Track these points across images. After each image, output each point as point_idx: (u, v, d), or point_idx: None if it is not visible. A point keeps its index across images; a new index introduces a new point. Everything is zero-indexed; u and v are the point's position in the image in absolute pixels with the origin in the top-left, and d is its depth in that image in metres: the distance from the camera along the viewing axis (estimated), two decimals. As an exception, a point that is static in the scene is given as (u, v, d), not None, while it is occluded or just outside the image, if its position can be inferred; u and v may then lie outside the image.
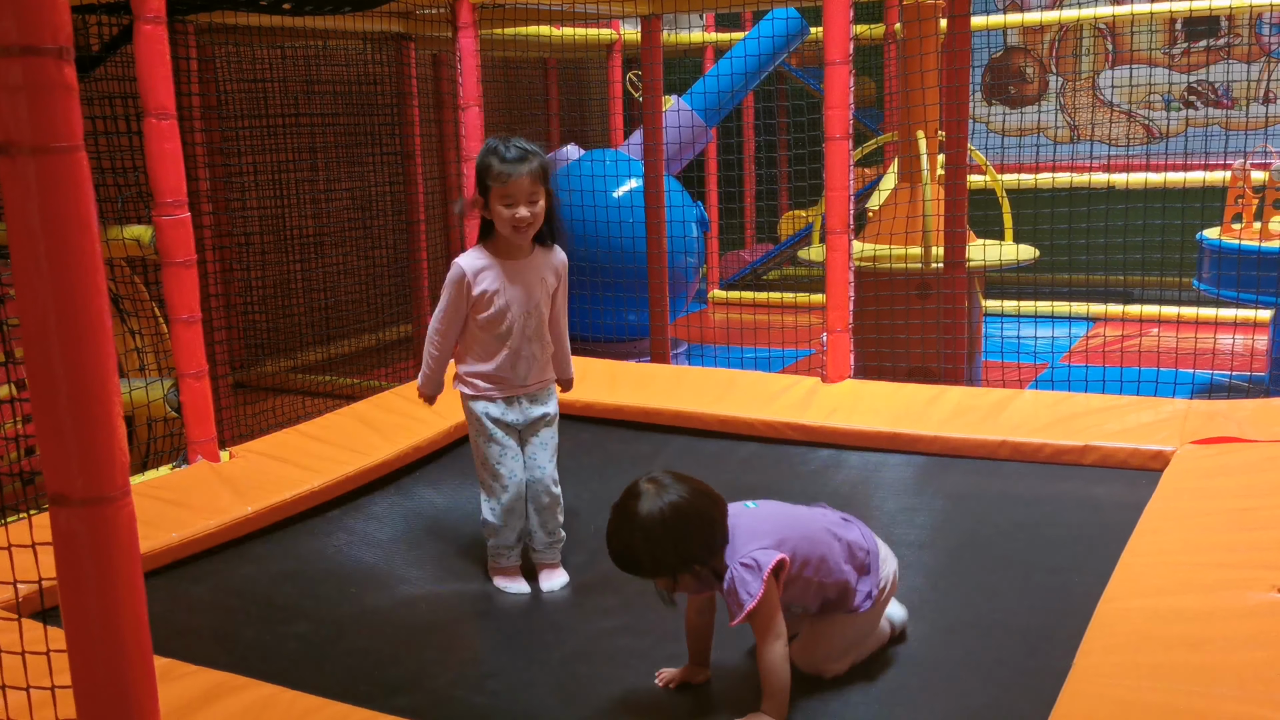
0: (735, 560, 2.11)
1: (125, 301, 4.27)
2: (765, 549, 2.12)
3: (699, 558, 2.11)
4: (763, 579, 2.07)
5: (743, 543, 2.13)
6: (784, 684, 2.09)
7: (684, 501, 2.10)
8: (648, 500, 2.10)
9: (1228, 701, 1.89)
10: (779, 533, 2.18)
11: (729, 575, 2.10)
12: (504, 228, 2.86)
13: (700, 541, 2.11)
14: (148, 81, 3.29)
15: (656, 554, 2.10)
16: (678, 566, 2.11)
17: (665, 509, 2.08)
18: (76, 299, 1.33)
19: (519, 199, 2.82)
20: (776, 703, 2.08)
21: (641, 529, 2.08)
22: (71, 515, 1.36)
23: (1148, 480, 3.15)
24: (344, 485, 3.47)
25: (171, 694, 1.98)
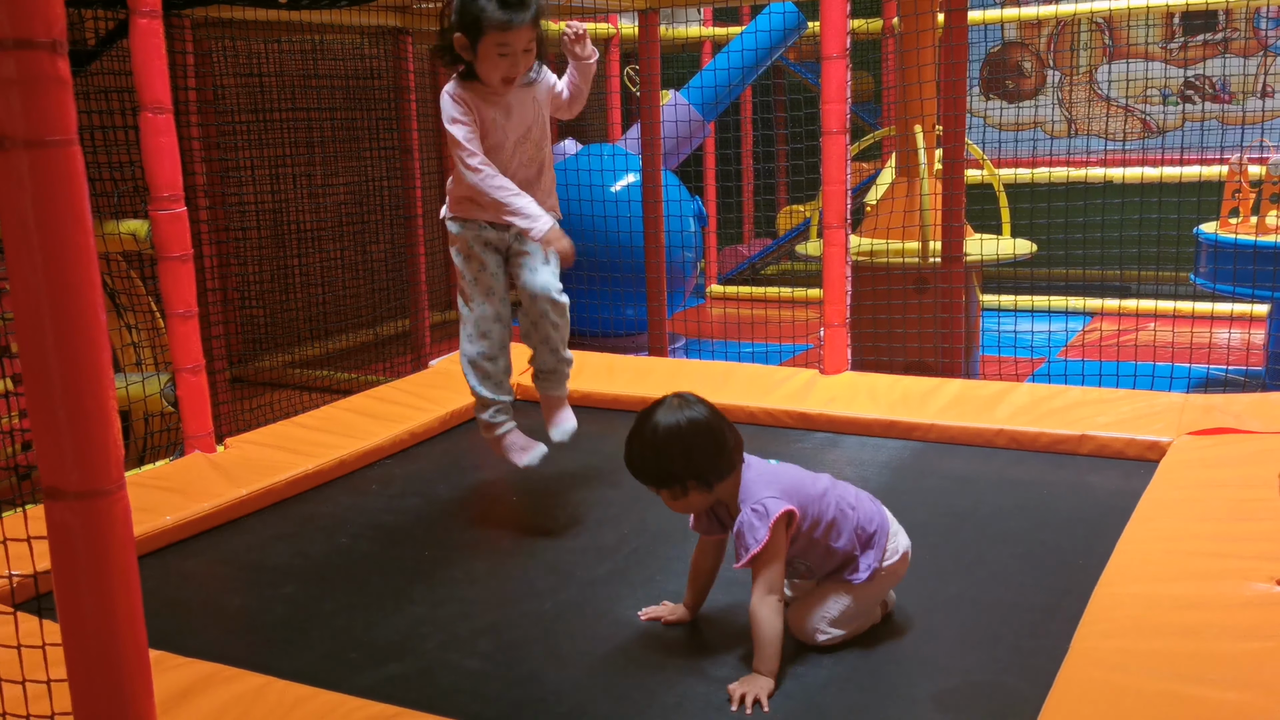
0: (747, 504, 2.18)
1: (122, 296, 4.27)
2: (775, 497, 2.18)
3: (705, 473, 2.18)
4: (769, 525, 2.13)
5: (757, 489, 2.20)
6: (773, 638, 2.12)
7: (702, 419, 2.19)
8: (668, 411, 2.20)
9: (1222, 689, 1.89)
10: (794, 487, 2.24)
11: (740, 519, 2.18)
12: (491, 76, 2.67)
13: (709, 457, 2.18)
14: (144, 75, 3.28)
15: (665, 461, 2.17)
16: (684, 477, 2.17)
17: (682, 421, 2.18)
18: (71, 293, 1.33)
19: (517, 50, 2.64)
20: (767, 657, 2.11)
21: (656, 434, 2.17)
22: (66, 509, 1.36)
23: (1144, 470, 3.17)
24: (339, 469, 3.50)
25: (161, 685, 1.99)
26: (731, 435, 2.23)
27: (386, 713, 2.02)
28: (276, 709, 2.04)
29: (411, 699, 2.11)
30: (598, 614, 2.53)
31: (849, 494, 2.35)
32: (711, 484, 2.20)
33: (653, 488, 2.23)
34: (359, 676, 2.27)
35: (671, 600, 2.47)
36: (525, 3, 2.60)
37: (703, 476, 2.18)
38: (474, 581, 2.78)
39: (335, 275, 6.89)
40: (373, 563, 2.89)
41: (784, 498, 2.19)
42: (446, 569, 2.83)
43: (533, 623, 2.50)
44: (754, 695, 2.08)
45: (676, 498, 2.22)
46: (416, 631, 2.48)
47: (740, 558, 2.17)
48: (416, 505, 3.29)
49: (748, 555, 2.14)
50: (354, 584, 2.76)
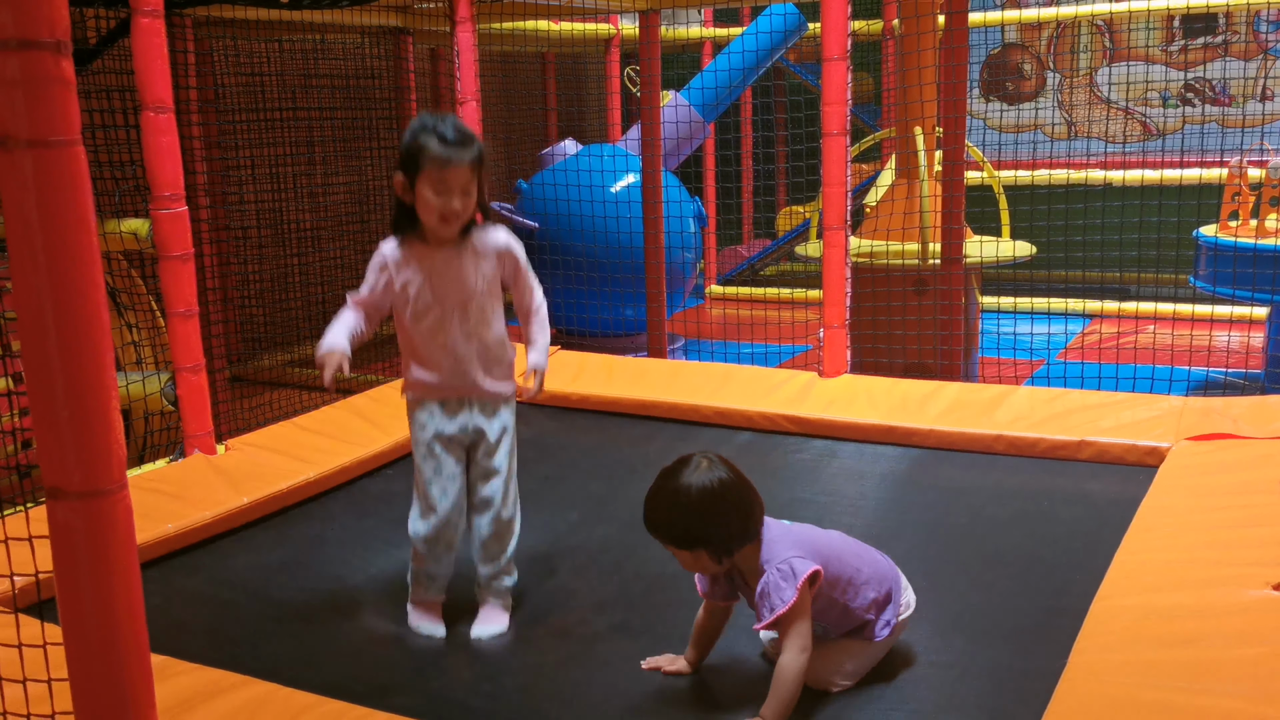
0: (772, 565, 2.14)
1: (122, 295, 4.27)
2: (801, 557, 2.16)
3: (728, 540, 2.15)
4: (797, 586, 2.11)
5: (780, 550, 2.17)
6: (792, 693, 2.10)
7: (732, 484, 2.15)
8: (695, 472, 2.15)
9: (1222, 698, 1.89)
10: (816, 548, 2.22)
11: (764, 579, 2.14)
12: (430, 218, 2.52)
13: (736, 524, 2.15)
14: (145, 75, 3.28)
15: (692, 524, 2.13)
16: (705, 542, 2.14)
17: (714, 484, 2.13)
18: (73, 292, 1.33)
19: (454, 188, 2.48)
20: (777, 706, 2.09)
21: (689, 495, 2.12)
22: (68, 509, 1.36)
23: (1143, 476, 3.16)
24: (339, 476, 3.49)
25: (166, 692, 1.98)
26: (755, 501, 2.20)
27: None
28: (281, 716, 2.03)
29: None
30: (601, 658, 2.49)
31: (863, 550, 2.34)
32: (732, 552, 2.16)
33: (670, 547, 2.19)
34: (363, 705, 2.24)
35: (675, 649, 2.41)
36: (466, 141, 2.50)
37: (725, 543, 2.14)
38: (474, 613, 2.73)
39: (335, 274, 6.89)
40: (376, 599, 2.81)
41: (809, 557, 2.17)
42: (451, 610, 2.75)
43: (537, 664, 2.49)
44: None
45: (692, 559, 2.17)
46: (422, 673, 2.46)
47: (762, 618, 2.13)
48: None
49: (772, 615, 2.11)
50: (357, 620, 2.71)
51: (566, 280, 6.01)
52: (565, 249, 6.02)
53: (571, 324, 6.18)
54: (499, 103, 8.05)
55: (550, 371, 4.16)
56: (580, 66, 9.26)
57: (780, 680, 2.10)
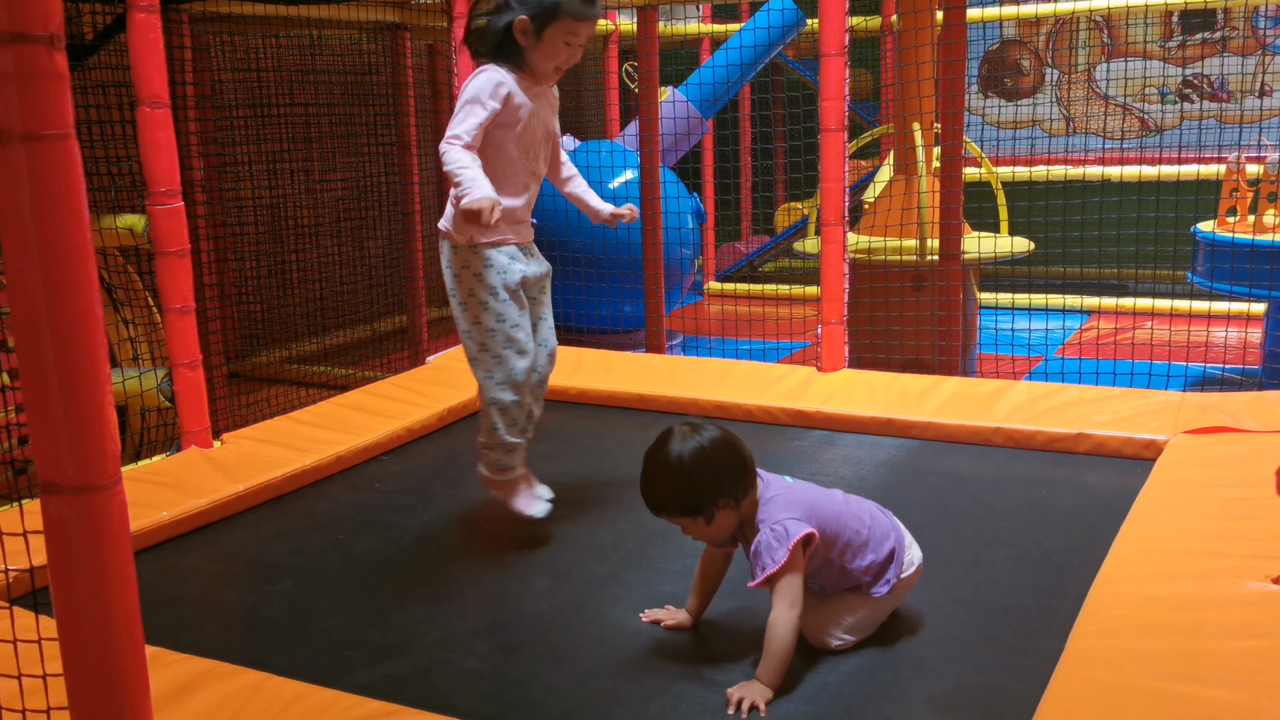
0: (767, 525, 2.16)
1: (118, 291, 4.26)
2: (796, 519, 2.17)
3: (735, 491, 2.17)
4: (789, 547, 2.12)
5: (777, 510, 2.18)
6: (785, 651, 2.11)
7: (720, 438, 2.18)
8: (685, 438, 2.17)
9: (1219, 689, 1.89)
10: (814, 508, 2.22)
11: (758, 538, 2.16)
12: (548, 63, 2.65)
13: (737, 475, 2.17)
14: (141, 70, 3.28)
15: (696, 486, 2.15)
16: (716, 499, 2.15)
17: (705, 443, 2.16)
18: (67, 287, 1.33)
19: (581, 39, 2.65)
20: (772, 667, 2.11)
21: (683, 461, 2.14)
22: (62, 503, 1.36)
23: (1141, 469, 3.17)
24: (336, 464, 3.50)
25: (159, 681, 1.98)
26: (744, 454, 2.21)
27: (382, 710, 2.02)
28: (273, 706, 2.04)
29: (408, 697, 2.11)
30: (595, 615, 2.52)
31: (864, 510, 2.34)
32: (739, 502, 2.18)
33: (678, 518, 2.19)
34: (355, 674, 2.26)
35: (673, 604, 2.46)
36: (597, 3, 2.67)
37: (734, 495, 2.17)
38: (471, 581, 2.78)
39: (333, 271, 6.89)
40: (370, 561, 2.89)
41: (804, 519, 2.18)
42: (444, 568, 2.82)
43: (530, 624, 2.50)
44: (751, 700, 2.07)
45: (707, 523, 2.18)
46: (414, 631, 2.47)
47: (755, 577, 2.15)
48: (414, 503, 3.29)
49: (764, 575, 2.12)
50: (351, 582, 2.76)
51: (564, 276, 6.01)
52: (563, 245, 6.01)
53: (570, 320, 6.18)
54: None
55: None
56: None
57: (772, 639, 2.12)
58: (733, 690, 2.10)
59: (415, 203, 6.29)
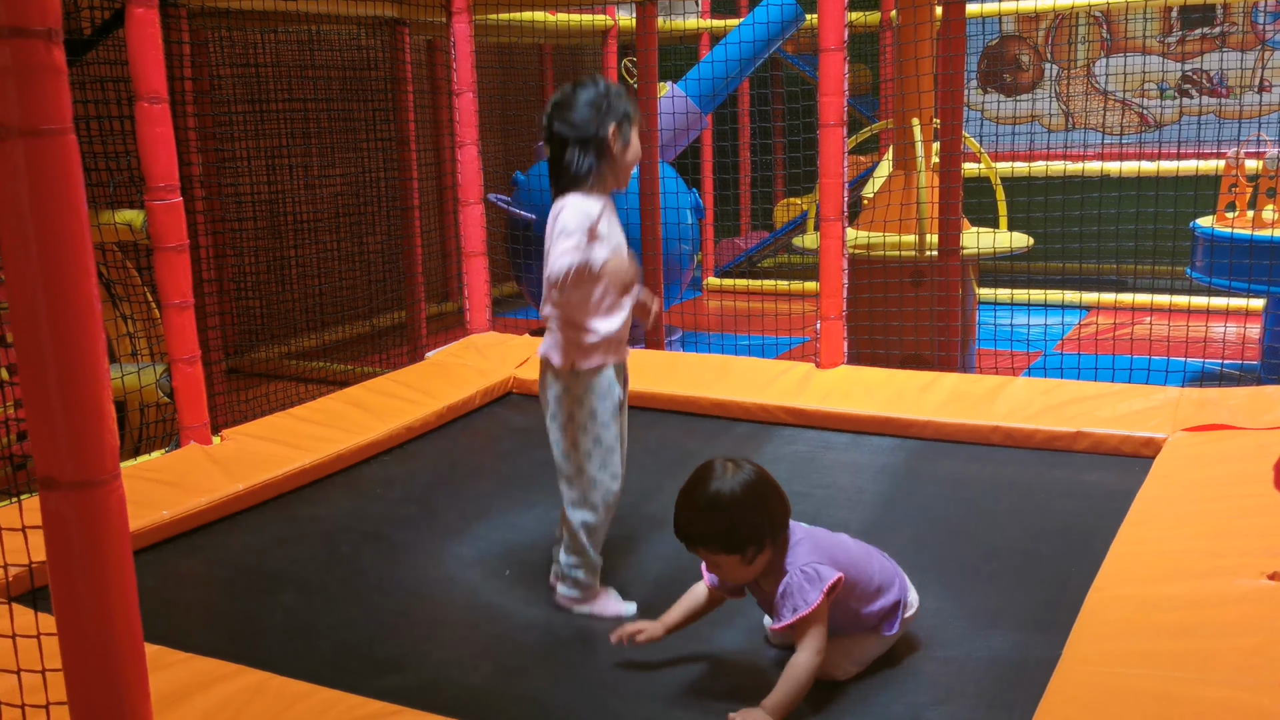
0: (796, 567, 2.15)
1: (117, 287, 4.26)
2: (824, 564, 2.16)
3: (766, 536, 2.15)
4: (822, 591, 2.12)
5: (803, 554, 2.18)
6: (799, 691, 2.10)
7: (760, 480, 2.16)
8: (726, 475, 2.15)
9: (1218, 688, 1.90)
10: (835, 556, 2.22)
11: (787, 580, 2.14)
12: (630, 164, 2.66)
13: (771, 520, 2.15)
14: (140, 65, 3.27)
15: (735, 522, 2.12)
16: (745, 543, 2.13)
17: (748, 479, 2.15)
18: (66, 282, 1.33)
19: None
20: (781, 702, 2.09)
21: (721, 498, 2.12)
22: (61, 499, 1.36)
23: (1139, 467, 3.17)
24: (336, 463, 3.49)
25: (160, 682, 1.98)
26: (781, 500, 2.20)
27: (385, 710, 2.02)
28: (274, 705, 2.04)
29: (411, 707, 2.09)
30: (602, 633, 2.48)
31: (872, 557, 2.34)
32: (777, 543, 2.17)
33: (716, 554, 2.14)
34: (358, 687, 2.23)
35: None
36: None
37: (775, 536, 2.16)
38: (474, 597, 2.75)
39: (332, 266, 6.88)
40: (372, 574, 2.85)
41: (832, 565, 2.17)
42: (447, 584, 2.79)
43: (534, 643, 2.49)
44: None
45: (746, 563, 2.14)
46: (417, 648, 2.46)
47: (782, 619, 2.13)
48: (416, 516, 3.25)
49: (794, 617, 2.11)
50: (354, 595, 2.73)
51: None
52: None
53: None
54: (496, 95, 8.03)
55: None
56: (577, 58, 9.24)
57: (791, 676, 2.10)
58: (735, 715, 2.09)
59: (414, 198, 6.29)
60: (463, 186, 4.89)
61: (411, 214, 6.28)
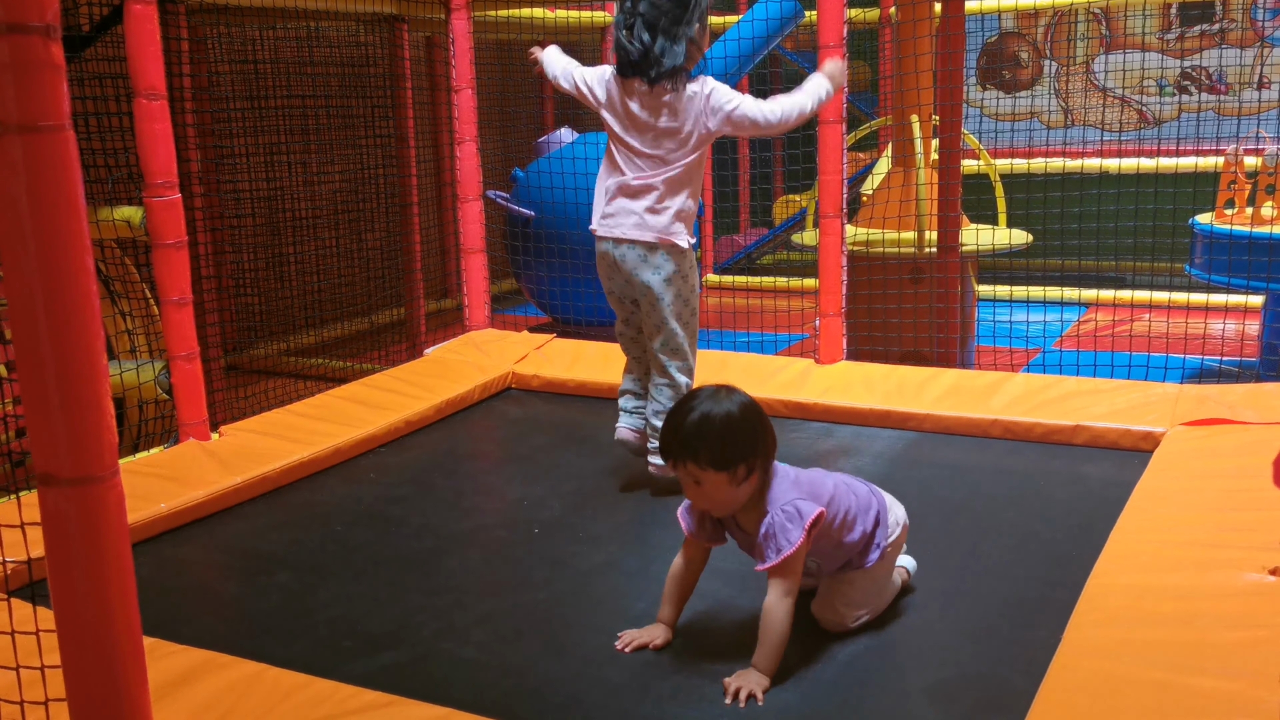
0: (777, 505, 2.14)
1: (116, 283, 4.26)
2: (805, 500, 2.16)
3: (755, 456, 2.14)
4: (804, 528, 2.12)
5: (783, 491, 2.17)
6: (781, 639, 2.11)
7: (752, 403, 2.19)
8: (720, 396, 2.17)
9: (1216, 679, 1.90)
10: (815, 490, 2.22)
11: (769, 519, 2.13)
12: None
13: (761, 441, 2.16)
14: (138, 62, 3.27)
15: (741, 437, 2.13)
16: (735, 461, 2.12)
17: (748, 402, 2.18)
18: (64, 279, 1.33)
19: None
20: (768, 655, 2.11)
21: (732, 412, 2.14)
22: (60, 495, 1.36)
23: (1138, 460, 3.18)
24: (334, 456, 3.50)
25: (156, 672, 1.98)
26: (771, 431, 2.21)
27: (380, 701, 2.03)
28: (271, 696, 2.05)
29: (406, 688, 2.12)
30: (592, 605, 2.53)
31: (847, 485, 2.35)
32: (765, 469, 2.17)
33: (705, 470, 2.12)
34: (353, 664, 2.27)
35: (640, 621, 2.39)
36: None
37: (765, 458, 2.16)
38: (469, 571, 2.78)
39: (331, 263, 6.88)
40: (368, 552, 2.89)
41: (812, 500, 2.17)
42: (442, 558, 2.83)
43: (527, 613, 2.50)
44: (749, 689, 2.07)
45: (734, 484, 2.13)
46: (411, 621, 2.48)
47: (767, 559, 2.12)
48: (411, 495, 3.29)
49: (779, 558, 2.10)
50: (349, 573, 2.77)
51: (563, 269, 6.01)
52: (561, 237, 6.00)
53: (568, 312, 6.17)
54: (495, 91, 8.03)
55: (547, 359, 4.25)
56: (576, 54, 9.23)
57: (767, 627, 2.11)
58: (730, 679, 2.10)
59: (413, 195, 6.28)
60: (462, 183, 4.89)
61: (410, 211, 6.28)
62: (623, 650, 2.28)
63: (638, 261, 3.04)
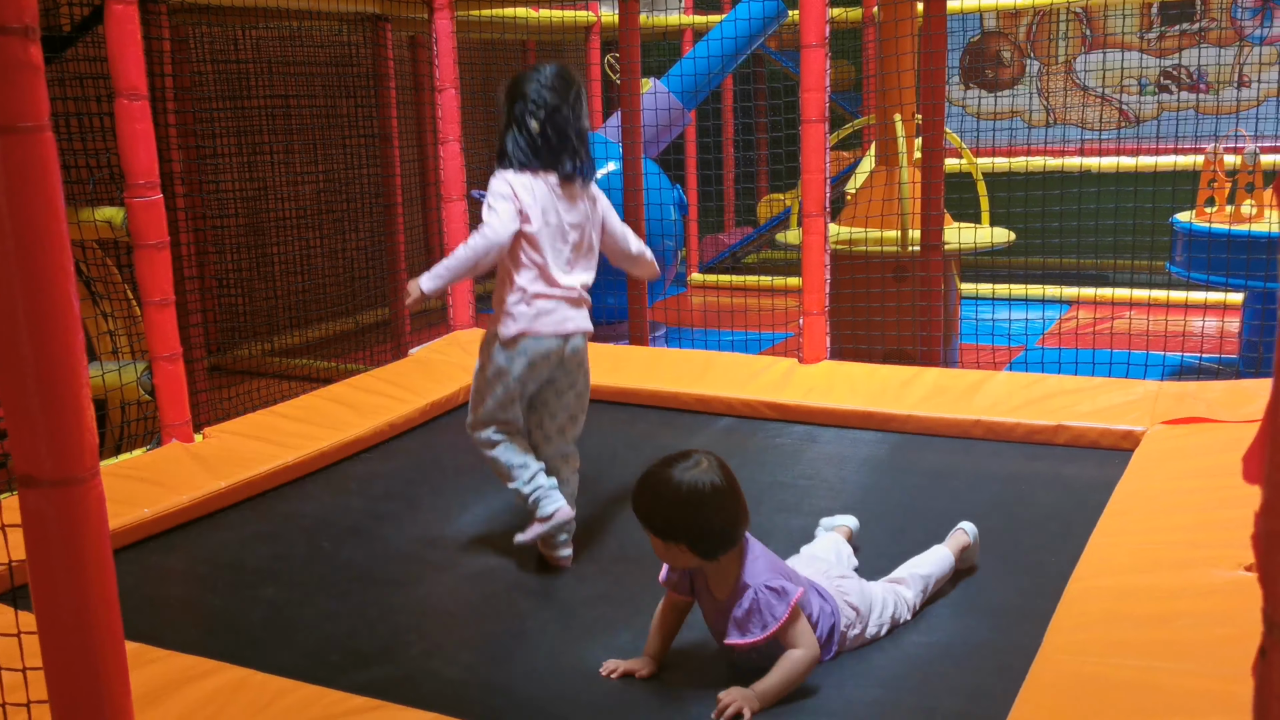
0: (759, 582, 2.14)
1: (98, 284, 4.24)
2: (788, 582, 2.17)
3: (706, 540, 2.14)
4: (789, 605, 2.12)
5: (764, 568, 2.17)
6: (792, 681, 2.11)
7: (720, 487, 2.14)
8: (690, 468, 2.15)
9: (1195, 678, 1.92)
10: (792, 576, 2.22)
11: (751, 595, 2.14)
12: None
13: (717, 528, 2.14)
14: (119, 62, 3.26)
15: (676, 516, 2.13)
16: (684, 539, 2.13)
17: (700, 483, 2.13)
18: (43, 279, 1.32)
19: None
20: (773, 688, 2.10)
21: (668, 487, 2.13)
22: (40, 496, 1.35)
23: (1119, 460, 3.19)
24: (318, 461, 3.48)
25: (141, 679, 1.98)
26: (742, 512, 2.19)
27: (366, 705, 2.02)
28: (256, 702, 2.04)
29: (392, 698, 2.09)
30: (581, 631, 2.50)
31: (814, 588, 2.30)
32: (713, 555, 2.16)
33: (649, 533, 2.18)
34: (340, 680, 2.24)
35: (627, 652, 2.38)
36: None
37: (703, 543, 2.14)
38: (456, 590, 2.76)
39: (315, 263, 6.86)
40: (354, 569, 2.86)
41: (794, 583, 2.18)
42: (429, 577, 2.80)
43: (515, 638, 2.49)
44: (739, 706, 2.07)
45: (668, 549, 2.17)
46: (399, 640, 2.47)
47: (750, 635, 2.13)
48: (398, 510, 3.25)
49: (765, 634, 2.11)
50: (336, 590, 2.74)
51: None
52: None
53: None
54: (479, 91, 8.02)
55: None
56: (560, 54, 9.23)
57: (787, 666, 2.11)
58: (724, 694, 2.09)
59: (397, 195, 6.27)
60: (445, 183, 4.88)
61: (394, 210, 6.26)
62: (607, 677, 2.27)
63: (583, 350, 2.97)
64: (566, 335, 2.88)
